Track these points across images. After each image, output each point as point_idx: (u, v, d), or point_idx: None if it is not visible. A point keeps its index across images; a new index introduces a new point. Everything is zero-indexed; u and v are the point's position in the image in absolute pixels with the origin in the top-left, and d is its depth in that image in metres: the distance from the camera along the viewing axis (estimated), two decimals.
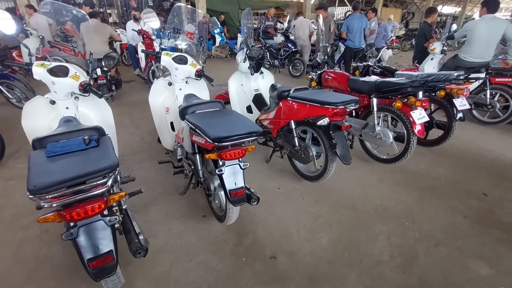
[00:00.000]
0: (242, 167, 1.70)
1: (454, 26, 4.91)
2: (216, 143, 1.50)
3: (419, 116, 2.45)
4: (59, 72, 1.92)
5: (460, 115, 2.92)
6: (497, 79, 3.84)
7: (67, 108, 2.00)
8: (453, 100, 2.85)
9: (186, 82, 2.58)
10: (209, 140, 1.52)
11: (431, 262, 1.81)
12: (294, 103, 2.33)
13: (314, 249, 1.91)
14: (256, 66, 2.89)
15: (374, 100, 2.66)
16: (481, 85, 4.08)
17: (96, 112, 2.18)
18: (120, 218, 1.43)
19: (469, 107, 2.88)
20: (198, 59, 2.63)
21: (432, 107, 3.24)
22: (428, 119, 2.52)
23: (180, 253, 1.86)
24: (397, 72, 3.32)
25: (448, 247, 1.93)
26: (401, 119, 2.57)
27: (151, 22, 2.54)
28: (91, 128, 1.49)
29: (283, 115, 2.45)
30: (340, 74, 3.12)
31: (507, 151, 3.34)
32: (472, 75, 3.72)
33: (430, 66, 4.57)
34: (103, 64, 4.37)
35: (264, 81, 3.15)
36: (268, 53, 8.21)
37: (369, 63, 3.80)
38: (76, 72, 1.98)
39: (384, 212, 2.27)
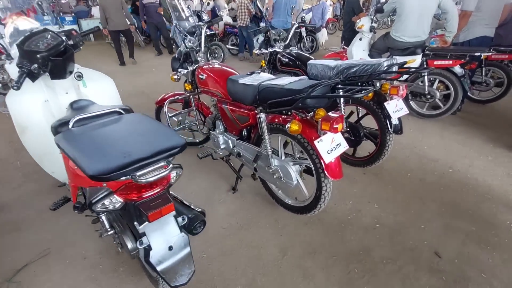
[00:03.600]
0: None
1: None
2: None
3: (329, 146, 1.39)
4: None
5: (395, 122, 1.97)
6: (435, 62, 3.05)
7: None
8: (385, 104, 1.88)
9: None
10: None
11: None
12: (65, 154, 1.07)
13: None
14: (48, 68, 1.52)
15: (261, 117, 1.55)
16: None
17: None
18: None
19: (407, 112, 1.96)
20: None
21: (360, 112, 2.27)
22: (348, 147, 1.49)
23: None
24: (310, 62, 2.27)
25: None
26: (304, 149, 1.50)
27: None
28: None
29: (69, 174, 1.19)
30: (218, 71, 1.93)
31: (453, 158, 2.56)
32: (408, 60, 2.88)
33: (359, 48, 3.66)
34: None
35: (88, 91, 1.82)
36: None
37: (276, 49, 2.69)
38: None
39: None
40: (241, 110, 1.74)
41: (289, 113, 1.50)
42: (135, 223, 0.94)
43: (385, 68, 1.75)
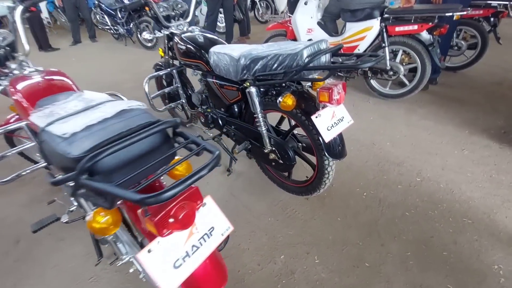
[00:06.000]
0: None
1: None
2: None
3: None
4: None
5: (330, 141, 1.29)
6: (397, 28, 2.36)
7: None
8: (312, 118, 1.19)
9: None
10: None
11: None
12: None
13: None
14: None
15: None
16: (377, 39, 2.61)
17: None
18: None
19: (352, 122, 1.29)
20: None
21: (292, 121, 1.58)
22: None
23: None
24: (212, 49, 1.51)
25: None
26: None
27: None
28: None
29: None
30: (27, 91, 1.12)
31: (422, 157, 1.99)
32: (363, 27, 2.18)
33: (305, 15, 2.89)
34: None
35: None
36: (107, 17, 5.57)
37: (173, 31, 1.79)
38: None
39: None
40: None
41: None
42: None
43: (305, 60, 1.04)
